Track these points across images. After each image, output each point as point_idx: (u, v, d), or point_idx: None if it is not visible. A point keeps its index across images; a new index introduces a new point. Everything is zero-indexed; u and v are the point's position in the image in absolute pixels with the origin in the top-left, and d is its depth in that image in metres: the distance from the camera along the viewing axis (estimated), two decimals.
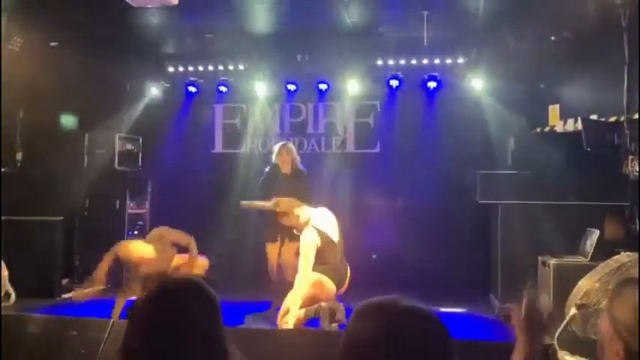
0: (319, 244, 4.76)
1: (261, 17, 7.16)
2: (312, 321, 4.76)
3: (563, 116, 6.95)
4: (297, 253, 5.13)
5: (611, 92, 5.99)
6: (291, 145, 6.59)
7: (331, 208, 7.88)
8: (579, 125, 6.34)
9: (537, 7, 6.18)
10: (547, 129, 7.19)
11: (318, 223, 4.93)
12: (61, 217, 7.20)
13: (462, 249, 7.35)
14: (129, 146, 8.30)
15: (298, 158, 6.44)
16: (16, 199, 6.81)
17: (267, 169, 6.50)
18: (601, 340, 1.56)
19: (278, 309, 4.87)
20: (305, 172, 6.42)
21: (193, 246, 5.23)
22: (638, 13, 5.15)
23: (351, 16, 7.01)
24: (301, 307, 4.62)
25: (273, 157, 6.41)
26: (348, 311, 4.65)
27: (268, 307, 6.09)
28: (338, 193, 7.96)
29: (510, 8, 6.32)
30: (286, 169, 6.27)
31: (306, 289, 4.64)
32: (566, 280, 4.74)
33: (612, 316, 1.51)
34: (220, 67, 8.57)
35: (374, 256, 7.85)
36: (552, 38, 7.04)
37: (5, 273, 6.16)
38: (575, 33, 6.52)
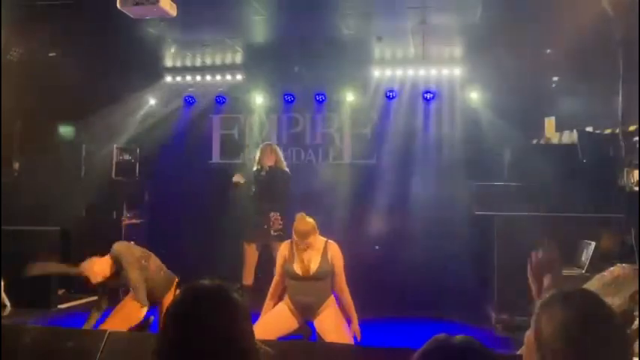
0: None
1: (259, 29, 7.20)
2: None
3: (559, 128, 6.99)
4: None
5: (607, 104, 6.04)
6: (275, 145, 6.70)
7: (328, 219, 7.93)
8: (575, 137, 6.38)
9: (533, 20, 6.23)
10: (543, 141, 7.22)
11: None
12: (58, 228, 7.19)
13: (457, 260, 7.34)
14: (126, 157, 8.30)
15: (283, 159, 6.53)
16: (13, 209, 6.81)
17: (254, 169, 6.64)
18: (525, 347, 1.55)
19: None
20: (286, 172, 6.47)
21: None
22: (637, 26, 5.19)
23: (349, 27, 7.05)
24: None
25: (257, 155, 6.51)
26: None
27: None
28: (334, 204, 7.98)
29: (507, 21, 6.36)
30: (268, 167, 6.30)
31: None
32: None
33: (538, 327, 1.51)
34: (218, 78, 8.62)
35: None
36: (548, 51, 7.10)
37: (1, 283, 6.14)
38: (571, 46, 6.57)
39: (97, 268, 4.73)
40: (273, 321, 4.52)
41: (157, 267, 4.99)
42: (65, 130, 8.44)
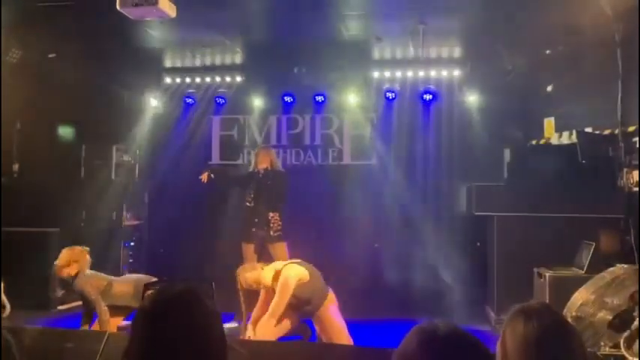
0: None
1: (258, 30, 7.21)
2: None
3: (559, 129, 6.99)
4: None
5: (606, 105, 6.04)
6: (270, 148, 6.70)
7: (327, 220, 7.94)
8: (574, 138, 6.39)
9: (533, 21, 6.23)
10: (542, 141, 7.23)
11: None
12: (57, 229, 7.18)
13: (457, 261, 7.35)
14: (126, 157, 8.30)
15: (278, 161, 6.53)
16: (13, 210, 6.80)
17: (249, 169, 6.61)
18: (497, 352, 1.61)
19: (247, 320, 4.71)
20: (283, 172, 6.47)
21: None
22: (637, 27, 5.19)
23: (348, 28, 7.06)
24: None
25: (253, 157, 6.54)
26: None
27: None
28: (334, 204, 7.98)
29: (506, 21, 6.37)
30: (263, 169, 6.31)
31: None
32: (561, 292, 4.76)
33: (503, 340, 1.58)
34: (218, 79, 8.62)
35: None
36: (547, 52, 7.10)
37: (1, 284, 6.13)
38: (571, 46, 6.57)
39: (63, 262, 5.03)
40: (273, 322, 4.51)
41: (123, 283, 5.17)
42: (65, 131, 8.44)
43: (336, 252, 7.56)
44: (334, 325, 4.49)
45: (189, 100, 8.60)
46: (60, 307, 6.99)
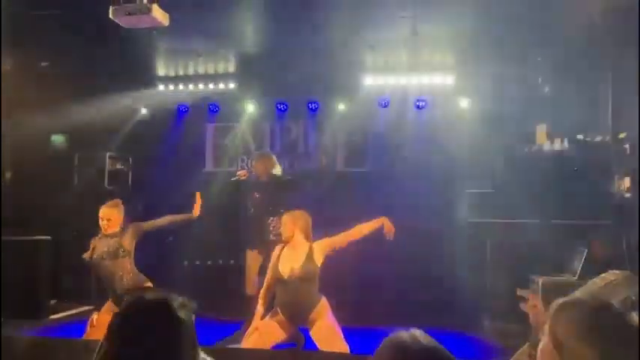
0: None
1: (251, 38, 7.22)
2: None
3: (551, 135, 7.03)
4: None
5: (598, 112, 6.09)
6: (270, 153, 6.64)
7: (320, 226, 7.91)
8: (566, 144, 6.43)
9: (524, 27, 6.27)
10: (535, 148, 7.26)
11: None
12: (49, 237, 7.14)
13: (451, 268, 7.35)
14: (119, 165, 8.28)
15: (275, 167, 6.47)
16: (4, 218, 6.76)
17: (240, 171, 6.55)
18: (541, 353, 1.65)
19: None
20: (279, 177, 6.39)
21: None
22: (636, 32, 5.24)
23: (341, 36, 7.08)
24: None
25: (253, 163, 6.53)
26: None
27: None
28: (327, 211, 7.97)
29: (498, 28, 6.41)
30: (262, 176, 6.27)
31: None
32: (554, 298, 4.77)
33: (553, 332, 1.62)
34: (211, 87, 8.62)
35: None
36: (539, 59, 7.15)
37: None
38: (562, 52, 6.62)
39: None
40: (264, 331, 4.49)
41: None
42: (57, 140, 8.41)
43: (331, 259, 7.54)
44: (329, 332, 4.47)
45: (182, 108, 8.60)
46: (52, 317, 6.94)
